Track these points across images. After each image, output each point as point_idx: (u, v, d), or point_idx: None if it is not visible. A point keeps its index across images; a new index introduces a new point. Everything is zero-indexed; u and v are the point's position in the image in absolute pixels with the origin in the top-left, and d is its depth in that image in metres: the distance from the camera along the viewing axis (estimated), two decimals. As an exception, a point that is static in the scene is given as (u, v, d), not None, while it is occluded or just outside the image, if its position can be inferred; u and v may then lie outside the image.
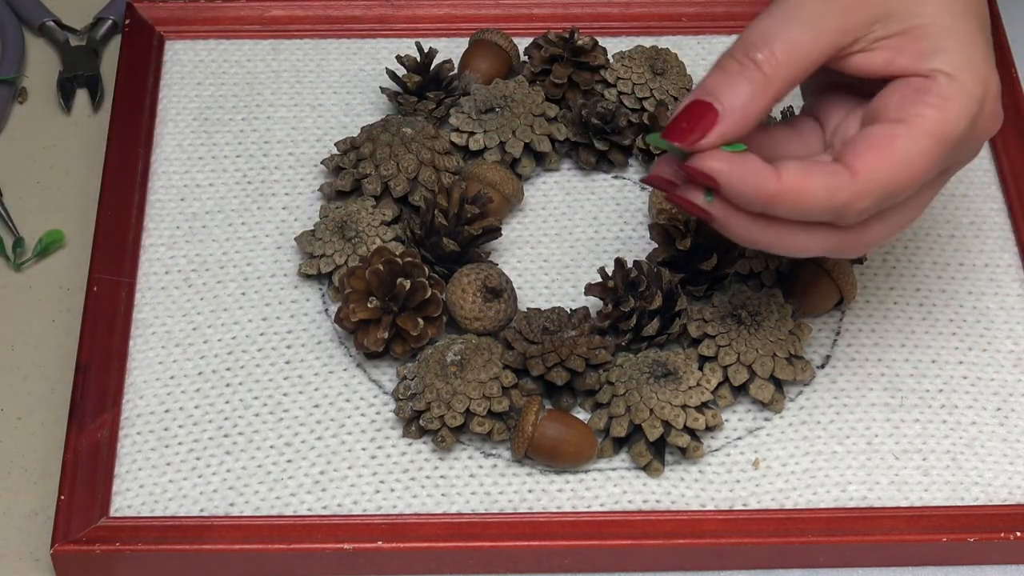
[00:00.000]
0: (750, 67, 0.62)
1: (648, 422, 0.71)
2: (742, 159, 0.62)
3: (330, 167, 0.81)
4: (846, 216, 0.63)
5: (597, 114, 0.82)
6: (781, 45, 0.62)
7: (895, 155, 0.62)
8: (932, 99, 0.63)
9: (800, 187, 0.62)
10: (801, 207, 0.62)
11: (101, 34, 0.91)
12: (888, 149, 0.62)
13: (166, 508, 0.71)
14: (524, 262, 0.80)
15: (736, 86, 0.62)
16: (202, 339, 0.76)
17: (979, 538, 0.71)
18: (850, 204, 0.62)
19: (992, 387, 0.76)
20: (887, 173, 0.62)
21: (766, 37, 0.62)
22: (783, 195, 0.62)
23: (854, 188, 0.62)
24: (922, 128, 0.63)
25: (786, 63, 0.62)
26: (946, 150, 0.63)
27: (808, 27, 0.63)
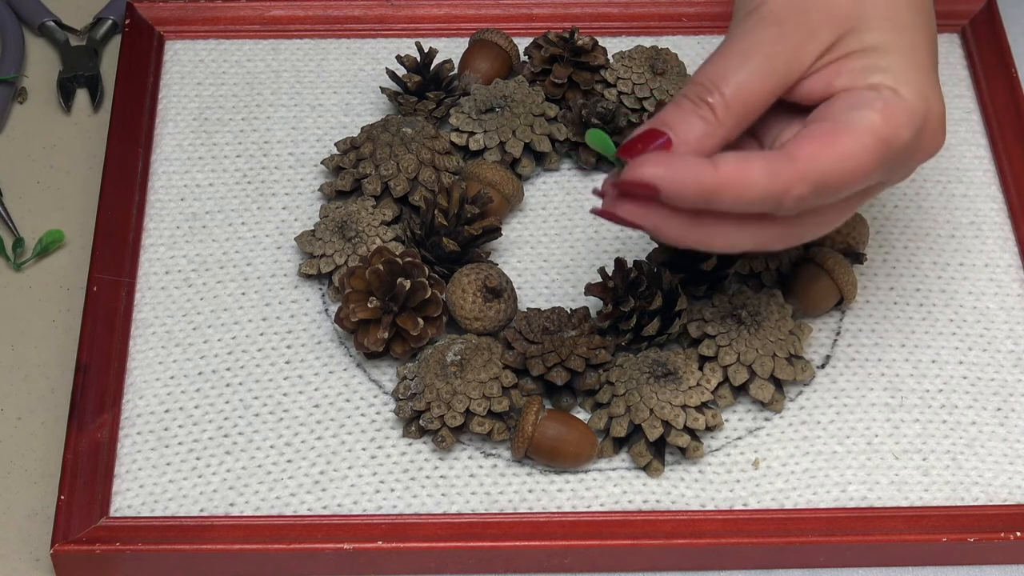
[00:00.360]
0: (702, 107, 0.63)
1: (648, 422, 0.71)
2: (676, 158, 0.62)
3: (330, 167, 0.81)
4: (784, 202, 0.62)
5: (597, 114, 0.82)
6: (731, 90, 0.63)
7: (837, 148, 0.63)
8: (878, 105, 0.63)
9: (739, 174, 0.62)
10: (742, 194, 0.62)
11: (101, 34, 0.91)
12: (831, 142, 0.63)
13: (166, 508, 0.71)
14: (524, 262, 0.80)
15: (690, 123, 0.63)
16: (202, 339, 0.76)
17: (979, 538, 0.71)
18: (789, 188, 0.62)
19: (992, 387, 0.76)
20: (828, 163, 0.62)
21: (716, 80, 0.64)
22: (723, 184, 0.62)
23: (794, 172, 0.62)
24: (867, 128, 0.63)
25: (735, 106, 0.63)
26: (888, 156, 0.63)
27: (758, 70, 0.64)
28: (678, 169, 0.62)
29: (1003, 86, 0.86)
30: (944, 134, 0.66)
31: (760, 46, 0.64)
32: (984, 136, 0.85)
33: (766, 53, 0.64)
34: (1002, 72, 0.87)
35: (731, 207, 0.63)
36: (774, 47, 0.64)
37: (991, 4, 0.90)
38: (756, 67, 0.64)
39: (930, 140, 0.65)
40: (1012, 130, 0.84)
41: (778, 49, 0.64)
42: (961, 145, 0.85)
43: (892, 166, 0.64)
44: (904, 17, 0.65)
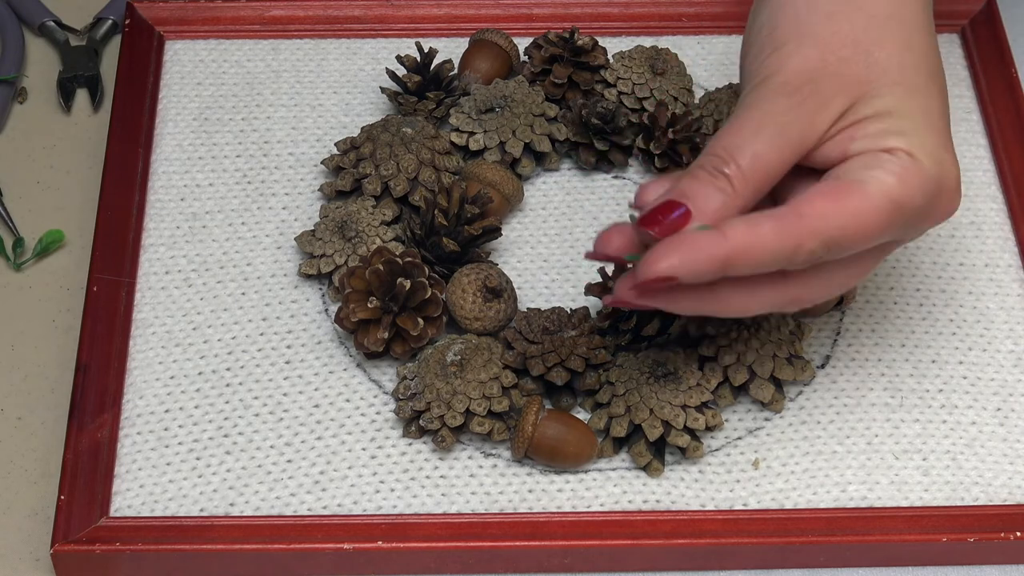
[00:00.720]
0: (720, 179, 0.63)
1: (648, 422, 0.71)
2: (686, 241, 0.62)
3: (330, 167, 0.81)
4: (796, 257, 0.62)
5: (597, 114, 0.82)
6: (747, 161, 0.63)
7: (847, 205, 0.62)
8: (892, 167, 0.63)
9: (750, 238, 0.62)
10: (754, 257, 0.62)
11: (101, 34, 0.91)
12: (841, 199, 0.63)
13: (166, 508, 0.71)
14: (524, 262, 0.80)
15: (708, 195, 0.63)
16: (202, 339, 0.76)
17: (979, 538, 0.71)
18: (800, 244, 0.62)
19: (992, 387, 0.76)
20: (836, 219, 0.62)
21: (732, 152, 0.64)
22: (735, 252, 0.62)
23: (803, 228, 0.62)
24: (879, 188, 0.63)
25: (752, 177, 0.63)
26: (899, 217, 0.63)
27: (773, 140, 0.64)
28: (691, 252, 0.62)
29: (1003, 86, 0.86)
30: (959, 197, 0.66)
31: (774, 116, 0.64)
32: (984, 136, 0.85)
33: (780, 123, 0.64)
34: (1002, 72, 0.87)
35: (745, 271, 0.63)
36: (787, 116, 0.64)
37: (991, 4, 0.90)
38: (771, 137, 0.64)
39: (945, 204, 0.65)
40: (1012, 130, 0.84)
41: (791, 118, 0.64)
42: (961, 145, 0.85)
43: (904, 228, 0.64)
44: (917, 81, 0.65)
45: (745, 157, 0.63)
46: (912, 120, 0.64)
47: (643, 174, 0.83)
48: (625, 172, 0.84)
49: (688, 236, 0.62)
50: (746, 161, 0.63)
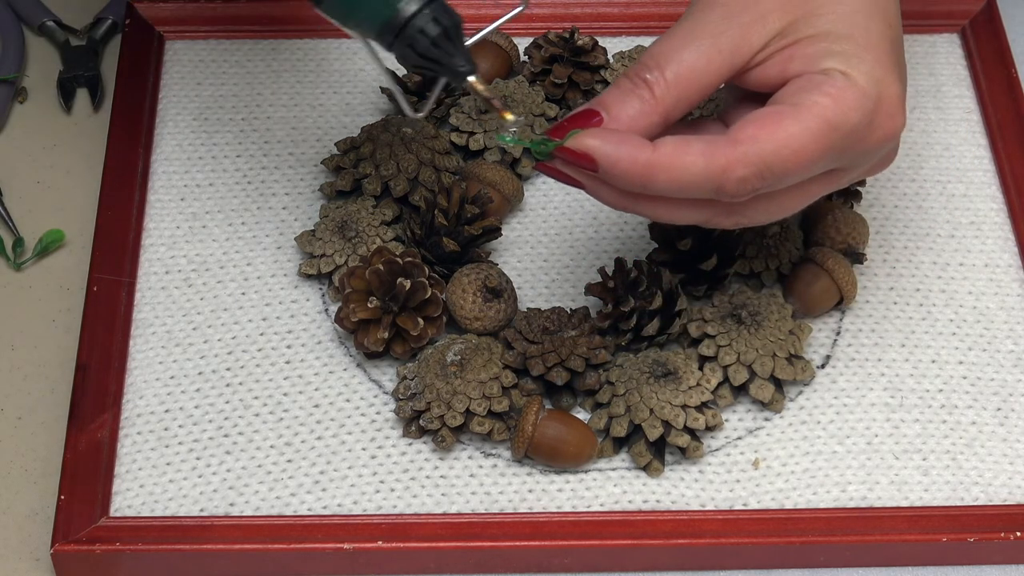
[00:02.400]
0: (640, 86, 0.63)
1: (648, 422, 0.71)
2: (615, 133, 0.62)
3: (330, 167, 0.81)
4: (725, 186, 0.62)
5: (597, 114, 0.82)
6: (672, 68, 0.63)
7: (780, 131, 0.62)
8: (826, 88, 0.63)
9: (677, 156, 0.62)
10: (678, 176, 0.62)
11: (101, 34, 0.91)
12: (774, 124, 0.62)
13: (166, 508, 0.71)
14: (524, 262, 0.80)
15: (626, 101, 0.63)
16: (202, 339, 0.76)
17: (979, 538, 0.71)
18: (728, 170, 0.62)
19: (992, 387, 0.76)
20: (770, 145, 0.62)
21: (659, 59, 0.64)
22: (659, 164, 0.61)
23: (733, 154, 0.62)
24: (812, 111, 0.62)
25: (675, 85, 0.63)
26: (836, 139, 0.63)
27: (702, 50, 0.64)
28: (615, 143, 0.62)
29: (1003, 86, 0.86)
30: (903, 115, 0.65)
31: (706, 26, 0.64)
32: (984, 136, 0.85)
33: (711, 33, 0.64)
34: (1002, 72, 0.87)
35: (667, 190, 0.62)
36: (719, 27, 0.64)
37: (991, 4, 0.90)
38: (701, 48, 0.64)
39: (887, 122, 0.65)
40: (1012, 130, 0.84)
41: (723, 29, 0.64)
42: (961, 145, 0.85)
43: (843, 151, 0.64)
44: (856, 4, 0.65)
45: (671, 65, 0.63)
46: (850, 41, 0.64)
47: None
48: (625, 172, 0.84)
49: (620, 132, 0.63)
50: (672, 69, 0.63)
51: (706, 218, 0.65)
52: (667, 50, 0.64)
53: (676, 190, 0.63)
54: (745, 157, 0.62)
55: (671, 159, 0.62)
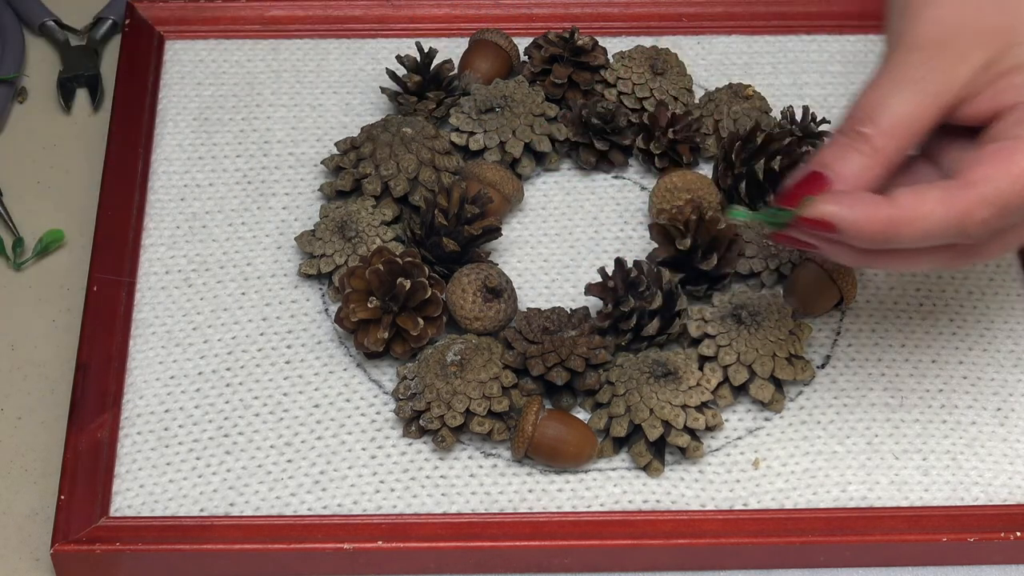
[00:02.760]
0: (858, 140, 0.63)
1: (648, 422, 0.71)
2: (851, 194, 0.62)
3: (330, 167, 0.81)
4: (968, 229, 0.61)
5: (597, 114, 0.82)
6: (886, 118, 0.63)
7: (1014, 166, 0.61)
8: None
9: (916, 206, 0.61)
10: (921, 226, 0.61)
11: (101, 34, 0.91)
12: (1006, 161, 0.62)
13: (166, 508, 0.71)
14: (524, 262, 0.80)
15: (847, 157, 0.63)
16: (202, 339, 0.76)
17: (979, 538, 0.71)
18: (969, 214, 0.61)
19: (992, 387, 0.76)
20: (1006, 181, 0.61)
21: (869, 110, 0.63)
22: (900, 217, 0.61)
23: (972, 197, 0.61)
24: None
25: (891, 134, 0.63)
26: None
27: (910, 96, 0.63)
28: (851, 205, 0.61)
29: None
30: None
31: (908, 71, 0.64)
32: (984, 136, 0.85)
33: (914, 78, 0.63)
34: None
35: (912, 242, 0.62)
36: (921, 72, 0.64)
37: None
38: (908, 94, 0.63)
39: None
40: (1012, 130, 0.84)
41: (924, 73, 0.64)
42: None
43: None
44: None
45: (882, 115, 0.63)
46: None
47: (643, 174, 0.83)
48: (625, 172, 0.84)
49: (855, 192, 0.62)
50: (884, 118, 0.63)
51: (945, 262, 0.65)
52: (875, 101, 0.64)
53: (919, 240, 0.62)
54: (984, 198, 0.61)
55: (911, 212, 0.61)
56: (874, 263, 0.65)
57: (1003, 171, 0.61)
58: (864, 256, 0.64)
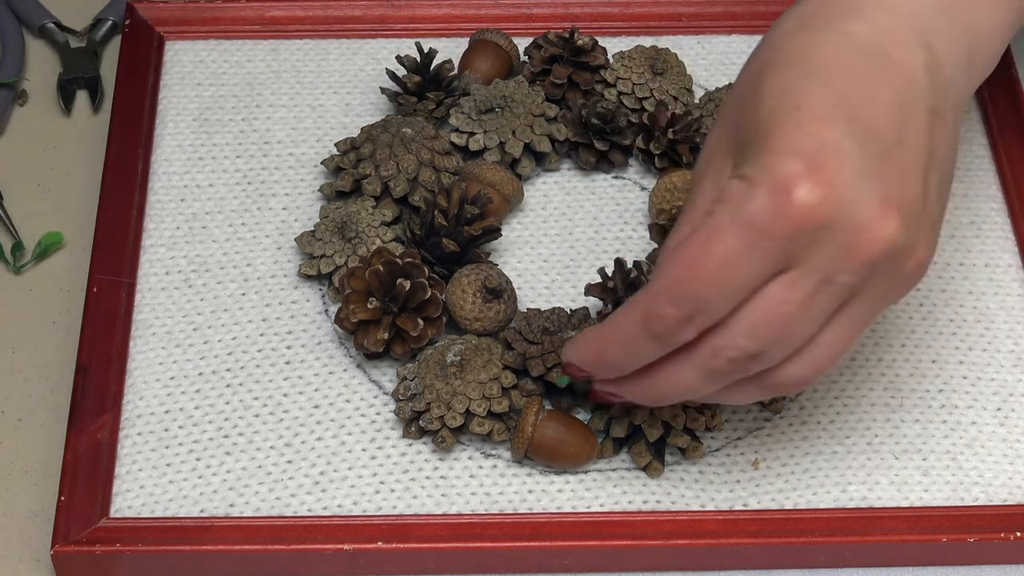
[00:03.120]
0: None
1: (648, 422, 0.71)
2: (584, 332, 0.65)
3: (330, 167, 0.81)
4: (653, 328, 0.59)
5: (597, 114, 0.82)
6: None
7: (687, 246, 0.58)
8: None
9: (614, 317, 0.62)
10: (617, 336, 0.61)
11: (101, 35, 0.91)
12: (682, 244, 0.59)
13: (166, 509, 0.71)
14: (524, 262, 0.80)
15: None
16: (202, 339, 0.76)
17: (979, 538, 0.70)
18: (651, 310, 0.59)
19: (992, 387, 0.76)
20: (678, 266, 0.58)
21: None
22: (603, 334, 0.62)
23: (649, 291, 0.59)
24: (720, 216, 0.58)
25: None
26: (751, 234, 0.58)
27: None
28: (576, 339, 0.65)
29: (1003, 86, 0.86)
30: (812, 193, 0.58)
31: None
32: (984, 136, 0.85)
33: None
34: (1002, 72, 0.87)
35: (623, 357, 0.62)
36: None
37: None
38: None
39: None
40: (1012, 130, 0.84)
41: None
42: (961, 145, 0.85)
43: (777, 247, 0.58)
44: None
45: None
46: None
47: (643, 174, 0.83)
48: (625, 172, 0.84)
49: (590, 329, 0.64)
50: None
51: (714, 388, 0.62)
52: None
53: (627, 354, 0.62)
54: (660, 289, 0.59)
55: (610, 322, 0.62)
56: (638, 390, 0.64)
57: (677, 256, 0.58)
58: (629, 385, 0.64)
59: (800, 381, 0.61)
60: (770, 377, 0.61)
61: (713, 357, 0.60)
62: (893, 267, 0.59)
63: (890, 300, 0.61)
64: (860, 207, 0.57)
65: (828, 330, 0.60)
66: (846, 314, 0.60)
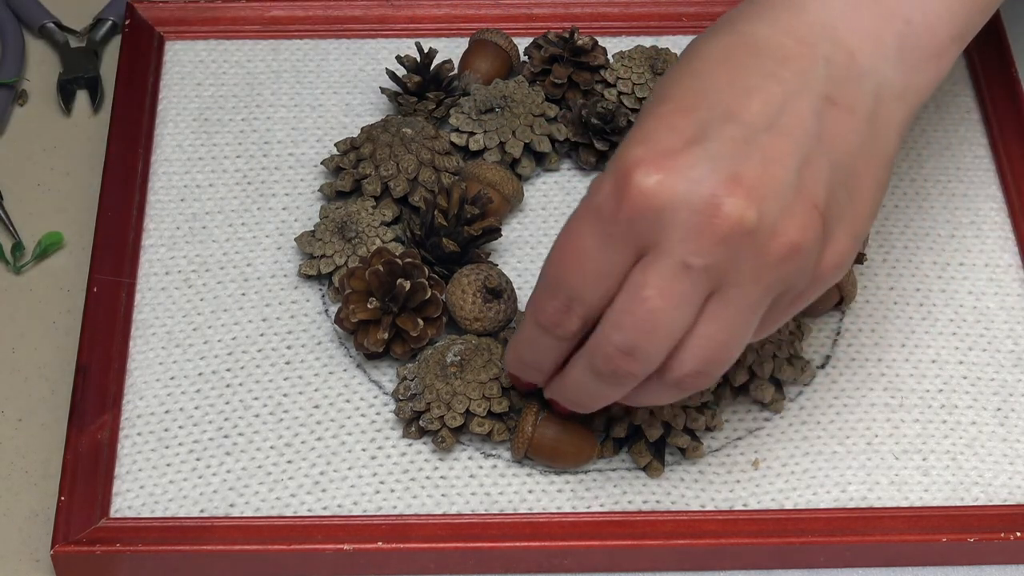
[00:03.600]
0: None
1: (648, 423, 0.71)
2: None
3: (330, 167, 0.81)
4: (540, 320, 0.62)
5: (597, 114, 0.82)
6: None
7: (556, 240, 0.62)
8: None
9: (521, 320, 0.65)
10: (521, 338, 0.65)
11: (101, 35, 0.91)
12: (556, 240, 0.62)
13: (166, 509, 0.71)
14: (524, 262, 0.80)
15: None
16: (202, 340, 0.76)
17: (979, 538, 0.70)
18: (536, 303, 0.62)
19: (992, 387, 0.76)
20: (550, 260, 0.62)
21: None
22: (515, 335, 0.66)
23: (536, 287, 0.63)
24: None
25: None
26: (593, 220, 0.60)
27: None
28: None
29: (1003, 86, 0.86)
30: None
31: None
32: (984, 136, 0.85)
33: None
34: (1002, 72, 0.87)
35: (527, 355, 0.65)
36: None
37: (993, 4, 0.90)
38: None
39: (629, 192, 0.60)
40: (1012, 130, 0.84)
41: None
42: (961, 145, 0.85)
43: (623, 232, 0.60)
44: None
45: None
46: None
47: (643, 174, 0.83)
48: (625, 172, 0.84)
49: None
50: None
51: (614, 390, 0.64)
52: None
53: (531, 350, 0.64)
54: (540, 285, 0.62)
55: (518, 327, 0.65)
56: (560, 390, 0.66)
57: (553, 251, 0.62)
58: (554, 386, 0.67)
59: (694, 374, 0.61)
60: (667, 374, 0.62)
61: (594, 355, 0.62)
62: (755, 249, 0.59)
63: (775, 289, 0.60)
64: (701, 186, 0.58)
65: (703, 321, 0.60)
66: (718, 302, 0.60)
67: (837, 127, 0.60)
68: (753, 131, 0.59)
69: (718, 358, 0.61)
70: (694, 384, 0.62)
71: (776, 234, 0.59)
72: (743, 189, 0.58)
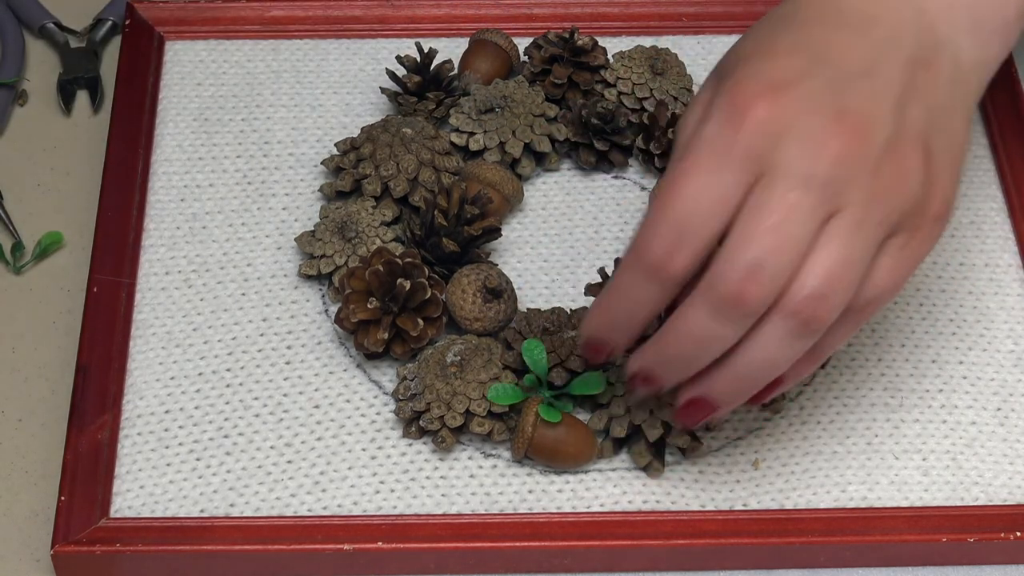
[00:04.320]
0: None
1: (648, 422, 0.71)
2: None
3: (330, 167, 0.81)
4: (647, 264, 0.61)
5: (597, 114, 0.82)
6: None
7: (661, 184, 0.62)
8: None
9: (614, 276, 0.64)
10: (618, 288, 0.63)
11: (101, 35, 0.91)
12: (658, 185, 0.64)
13: (166, 509, 0.71)
14: (524, 262, 0.80)
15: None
16: (202, 339, 0.76)
17: (979, 538, 0.71)
18: (641, 248, 0.61)
19: (992, 387, 0.76)
20: (657, 204, 0.61)
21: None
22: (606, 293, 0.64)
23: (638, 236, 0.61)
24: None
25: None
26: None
27: None
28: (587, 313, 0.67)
29: (1003, 86, 0.86)
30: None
31: None
32: (984, 136, 0.85)
33: None
34: (1002, 72, 0.87)
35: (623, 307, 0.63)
36: None
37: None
38: None
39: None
40: (1012, 130, 0.84)
41: None
42: (961, 144, 0.85)
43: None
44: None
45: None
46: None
47: (643, 174, 0.83)
48: (625, 172, 0.84)
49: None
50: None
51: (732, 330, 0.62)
52: None
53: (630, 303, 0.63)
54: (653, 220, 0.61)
55: (610, 284, 0.64)
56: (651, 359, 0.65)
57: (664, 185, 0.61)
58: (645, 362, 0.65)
59: (817, 296, 0.60)
60: (787, 300, 0.60)
61: (714, 284, 0.60)
62: (868, 170, 0.60)
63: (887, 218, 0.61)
64: (816, 112, 0.60)
65: (823, 239, 0.60)
66: (837, 221, 0.60)
67: (927, 84, 0.63)
68: (852, 75, 0.62)
69: (839, 276, 0.60)
70: (813, 313, 0.60)
71: (885, 159, 0.61)
72: (852, 116, 0.60)
